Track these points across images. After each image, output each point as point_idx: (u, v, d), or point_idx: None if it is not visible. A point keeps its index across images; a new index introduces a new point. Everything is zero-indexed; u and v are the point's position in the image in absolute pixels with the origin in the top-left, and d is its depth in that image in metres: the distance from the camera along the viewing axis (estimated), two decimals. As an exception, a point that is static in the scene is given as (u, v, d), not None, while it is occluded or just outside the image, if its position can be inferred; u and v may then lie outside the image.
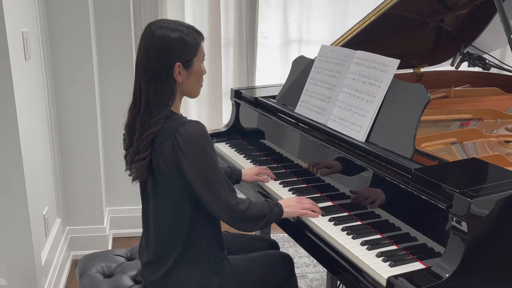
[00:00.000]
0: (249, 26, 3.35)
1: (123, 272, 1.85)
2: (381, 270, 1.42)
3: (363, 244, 1.56)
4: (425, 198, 1.44)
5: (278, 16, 3.45)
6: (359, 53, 1.93)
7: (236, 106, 2.55)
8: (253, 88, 2.76)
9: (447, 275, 1.31)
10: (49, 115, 2.72)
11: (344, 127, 1.86)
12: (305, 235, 1.73)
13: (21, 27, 2.27)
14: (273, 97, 2.36)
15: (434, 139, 1.88)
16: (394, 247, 1.54)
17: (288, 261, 1.89)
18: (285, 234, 3.23)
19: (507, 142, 1.88)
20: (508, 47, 1.95)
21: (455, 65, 2.55)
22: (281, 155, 2.18)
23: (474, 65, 2.46)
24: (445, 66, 2.68)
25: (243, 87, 3.02)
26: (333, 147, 1.84)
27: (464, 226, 1.31)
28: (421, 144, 1.80)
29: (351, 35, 2.24)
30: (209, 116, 3.46)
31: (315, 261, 2.80)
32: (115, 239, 3.25)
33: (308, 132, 1.99)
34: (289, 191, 1.95)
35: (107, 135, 3.09)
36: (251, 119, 2.45)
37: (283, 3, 3.42)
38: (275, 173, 2.08)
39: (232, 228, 1.69)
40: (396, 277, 1.36)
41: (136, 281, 1.81)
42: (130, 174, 1.62)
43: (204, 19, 3.28)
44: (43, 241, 2.53)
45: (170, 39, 1.52)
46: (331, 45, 2.21)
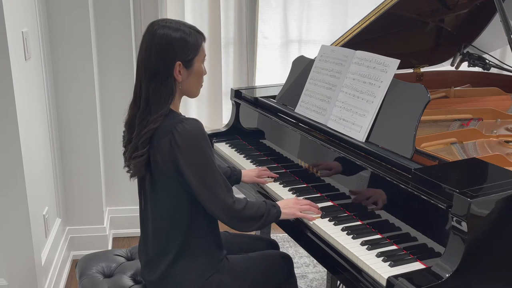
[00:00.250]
0: (249, 26, 3.35)
1: (123, 272, 1.85)
2: (381, 270, 1.42)
3: (363, 244, 1.56)
4: (425, 198, 1.44)
5: (278, 16, 3.45)
6: (359, 53, 1.93)
7: (236, 106, 2.55)
8: (253, 88, 2.75)
9: (447, 275, 1.31)
10: (49, 115, 2.72)
11: (344, 127, 1.86)
12: (305, 235, 1.73)
13: (21, 27, 2.27)
14: (273, 97, 2.36)
15: (434, 139, 1.88)
16: (394, 247, 1.54)
17: (287, 261, 1.89)
18: (285, 234, 3.23)
19: (507, 142, 1.88)
20: (508, 47, 1.95)
21: (455, 65, 2.55)
22: (281, 155, 2.18)
23: (474, 65, 2.46)
24: (445, 66, 2.68)
25: (243, 87, 3.02)
26: (333, 147, 1.84)
27: (464, 226, 1.31)
28: (421, 144, 1.80)
29: (351, 35, 2.24)
30: (209, 116, 3.46)
31: (315, 261, 2.80)
32: (115, 239, 3.25)
33: (308, 132, 1.99)
34: (289, 191, 1.95)
35: (107, 135, 3.09)
36: (251, 119, 2.45)
37: (283, 3, 3.42)
38: (275, 173, 2.08)
39: (232, 229, 1.69)
40: (396, 277, 1.36)
41: (136, 281, 1.81)
42: (128, 171, 1.64)
43: (204, 19, 3.28)
44: (43, 241, 2.53)
45: (172, 38, 1.53)
46: (331, 45, 2.21)
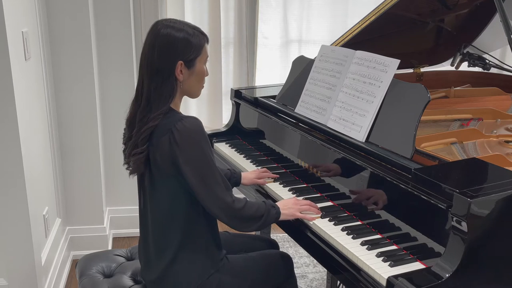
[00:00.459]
0: (249, 26, 3.35)
1: (123, 272, 1.85)
2: (381, 270, 1.42)
3: (363, 244, 1.56)
4: (425, 198, 1.44)
5: (278, 16, 3.45)
6: (359, 53, 1.93)
7: (236, 106, 2.55)
8: (253, 88, 2.76)
9: (447, 275, 1.31)
10: (49, 115, 2.72)
11: (344, 127, 1.86)
12: (305, 235, 1.73)
13: (21, 27, 2.27)
14: (273, 97, 2.36)
15: (434, 139, 1.88)
16: (394, 247, 1.54)
17: (287, 260, 1.89)
18: (285, 234, 3.23)
19: (507, 142, 1.88)
20: (508, 47, 1.95)
21: (455, 65, 2.55)
22: (281, 155, 2.18)
23: (474, 65, 2.46)
24: (445, 66, 2.68)
25: (243, 87, 3.03)
26: (333, 147, 1.84)
27: (464, 226, 1.31)
28: (421, 144, 1.80)
29: (351, 35, 2.25)
30: (209, 116, 3.46)
31: (315, 261, 2.81)
32: (115, 239, 3.25)
33: (308, 132, 1.99)
34: (289, 191, 1.95)
35: (107, 135, 3.09)
36: (251, 119, 2.45)
37: (283, 3, 3.42)
38: (275, 173, 2.08)
39: (232, 229, 1.69)
40: (396, 277, 1.36)
41: (136, 281, 1.81)
42: (127, 168, 1.65)
43: (204, 19, 3.28)
44: (43, 241, 2.53)
45: (175, 38, 1.55)
46: (331, 45, 2.21)
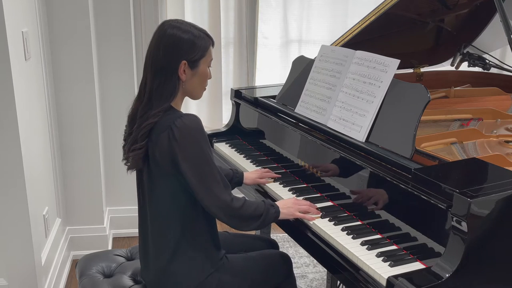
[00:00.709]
0: (249, 26, 3.35)
1: (123, 272, 1.85)
2: (381, 270, 1.42)
3: (363, 244, 1.56)
4: (425, 198, 1.44)
5: (278, 16, 3.45)
6: (359, 53, 1.93)
7: (236, 106, 2.55)
8: (253, 88, 2.75)
9: (447, 275, 1.31)
10: (49, 115, 2.72)
11: (344, 127, 1.86)
12: (305, 235, 1.73)
13: (21, 27, 2.27)
14: (273, 97, 2.36)
15: (434, 139, 1.88)
16: (394, 247, 1.54)
17: (286, 260, 1.89)
18: (285, 234, 3.23)
19: (507, 142, 1.88)
20: (508, 47, 1.95)
21: (455, 65, 2.55)
22: (281, 155, 2.18)
23: (474, 65, 2.46)
24: (445, 66, 2.68)
25: (243, 87, 3.02)
26: (333, 147, 1.84)
27: (464, 226, 1.31)
28: (421, 144, 1.80)
29: (351, 35, 2.24)
30: (209, 116, 3.46)
31: (315, 261, 2.81)
32: (115, 239, 3.25)
33: (308, 132, 1.99)
34: (289, 191, 1.95)
35: (107, 135, 3.09)
36: (251, 119, 2.45)
37: (283, 3, 3.42)
38: (276, 173, 2.07)
39: (232, 228, 1.69)
40: (396, 277, 1.36)
41: (136, 281, 1.81)
42: (126, 163, 1.66)
43: (204, 19, 3.28)
44: (43, 241, 2.53)
45: (181, 38, 1.57)
46: (331, 45, 2.21)
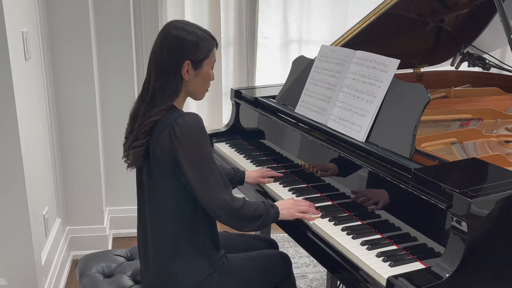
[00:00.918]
0: (249, 26, 3.35)
1: (123, 272, 1.85)
2: (381, 270, 1.42)
3: (363, 244, 1.56)
4: (425, 198, 1.44)
5: (278, 16, 3.45)
6: (359, 53, 1.93)
7: (236, 106, 2.55)
8: (253, 88, 2.76)
9: (447, 275, 1.31)
10: (49, 115, 2.72)
11: (344, 127, 1.86)
12: (305, 235, 1.73)
13: (21, 27, 2.27)
14: (273, 97, 2.36)
15: (434, 139, 1.88)
16: (394, 247, 1.54)
17: (286, 260, 1.89)
18: (285, 234, 3.23)
19: (507, 142, 1.88)
20: (508, 47, 1.95)
21: (455, 65, 2.55)
22: (281, 155, 2.18)
23: (474, 65, 2.46)
24: (445, 66, 2.68)
25: (243, 87, 3.02)
26: (333, 147, 1.84)
27: (464, 226, 1.31)
28: (421, 144, 1.80)
29: (351, 35, 2.24)
30: (209, 116, 3.46)
31: (315, 261, 2.81)
32: (115, 239, 3.25)
33: (308, 132, 1.99)
34: (289, 191, 1.95)
35: (107, 135, 3.09)
36: (251, 119, 2.45)
37: (283, 3, 3.42)
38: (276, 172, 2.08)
39: (231, 228, 1.69)
40: (396, 277, 1.36)
41: (136, 281, 1.81)
42: (126, 161, 1.66)
43: (204, 19, 3.28)
44: (43, 241, 2.53)
45: (185, 39, 1.59)
46: (331, 45, 2.21)
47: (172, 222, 1.63)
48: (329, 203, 1.83)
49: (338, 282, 2.30)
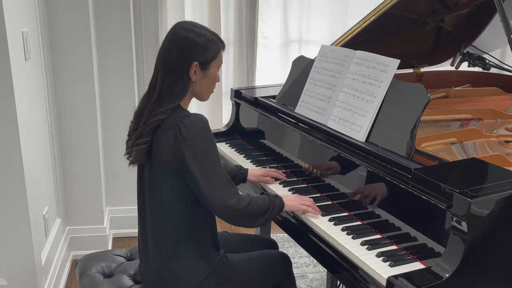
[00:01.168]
0: (249, 26, 3.36)
1: (123, 272, 1.85)
2: (381, 270, 1.42)
3: (363, 244, 1.56)
4: (425, 198, 1.44)
5: (278, 16, 3.45)
6: (359, 53, 1.93)
7: (236, 106, 2.55)
8: (253, 88, 2.76)
9: (447, 275, 1.31)
10: (49, 115, 2.72)
11: (344, 127, 1.86)
12: (305, 235, 1.73)
13: (21, 27, 2.27)
14: (273, 97, 2.36)
15: (434, 139, 1.88)
16: (394, 247, 1.54)
17: (286, 260, 1.89)
18: (285, 234, 3.23)
19: (507, 142, 1.88)
20: (508, 47, 1.95)
21: (455, 65, 2.55)
22: (281, 155, 2.18)
23: (474, 65, 2.46)
24: (445, 66, 2.68)
25: (243, 87, 3.02)
26: (333, 147, 1.84)
27: (464, 226, 1.31)
28: (421, 144, 1.80)
29: (351, 35, 2.25)
30: (209, 116, 3.42)
31: (315, 261, 2.80)
32: (115, 239, 3.25)
33: (308, 132, 1.99)
34: (289, 191, 1.95)
35: (107, 135, 3.08)
36: (251, 119, 2.45)
37: (283, 3, 3.43)
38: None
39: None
40: (396, 277, 1.36)
41: (136, 281, 1.81)
42: (128, 158, 1.67)
43: (204, 19, 3.28)
44: (43, 241, 2.53)
45: (194, 41, 1.60)
46: (331, 45, 2.21)
47: (172, 221, 1.63)
48: (329, 203, 1.83)
49: (338, 282, 2.30)
